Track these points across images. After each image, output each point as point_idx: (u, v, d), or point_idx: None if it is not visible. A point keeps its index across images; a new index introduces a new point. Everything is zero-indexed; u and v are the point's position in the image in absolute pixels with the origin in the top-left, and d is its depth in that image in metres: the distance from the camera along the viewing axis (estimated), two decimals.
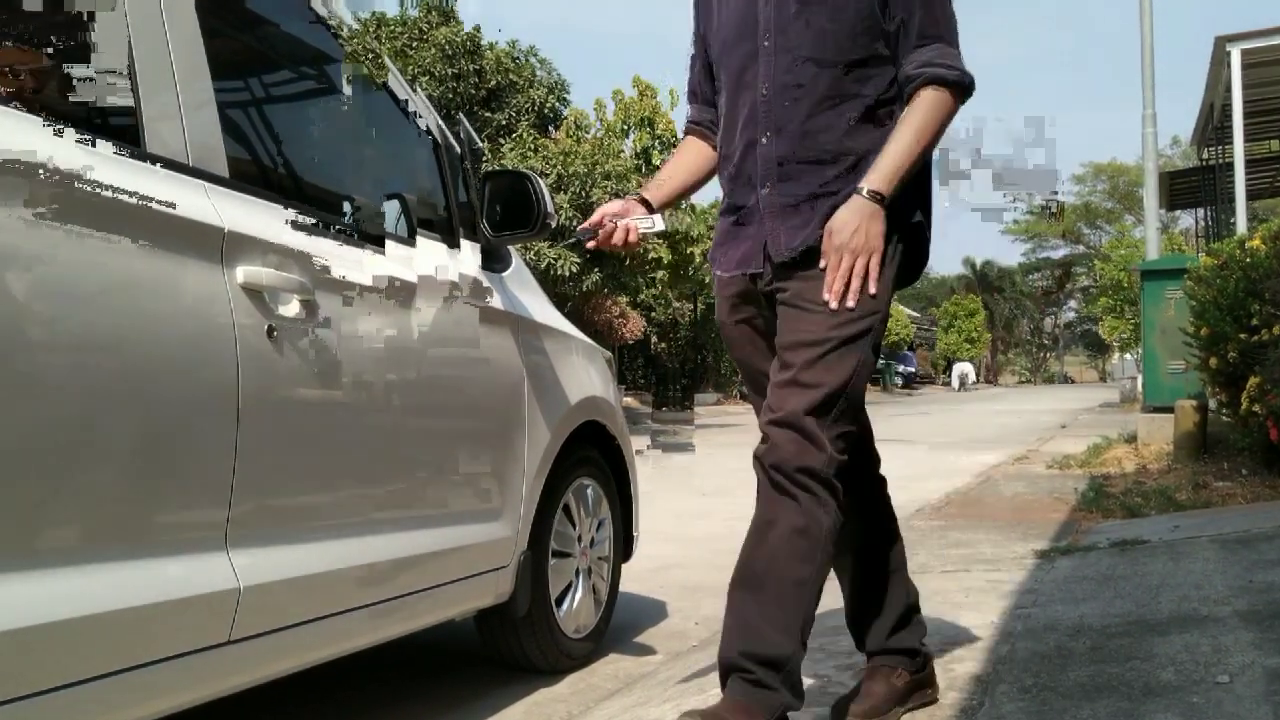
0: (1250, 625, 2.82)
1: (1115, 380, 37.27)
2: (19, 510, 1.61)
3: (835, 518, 2.03)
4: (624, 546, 3.66)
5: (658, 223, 2.34)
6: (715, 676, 2.76)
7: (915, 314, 55.87)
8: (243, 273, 2.02)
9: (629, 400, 22.60)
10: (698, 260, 22.14)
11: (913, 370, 49.40)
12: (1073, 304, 72.37)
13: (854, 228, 1.98)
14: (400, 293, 2.51)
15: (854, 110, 2.06)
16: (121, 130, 1.90)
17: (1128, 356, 32.06)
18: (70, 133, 1.76)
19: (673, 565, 5.07)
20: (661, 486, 8.04)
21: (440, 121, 2.99)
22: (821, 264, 2.03)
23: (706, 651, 3.33)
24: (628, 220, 2.31)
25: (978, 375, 57.55)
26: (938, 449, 12.77)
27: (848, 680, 2.63)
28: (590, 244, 2.34)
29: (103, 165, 1.79)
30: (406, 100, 2.85)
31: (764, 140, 2.09)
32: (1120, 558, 4.12)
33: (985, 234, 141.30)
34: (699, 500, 7.71)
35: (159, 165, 1.92)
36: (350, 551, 2.30)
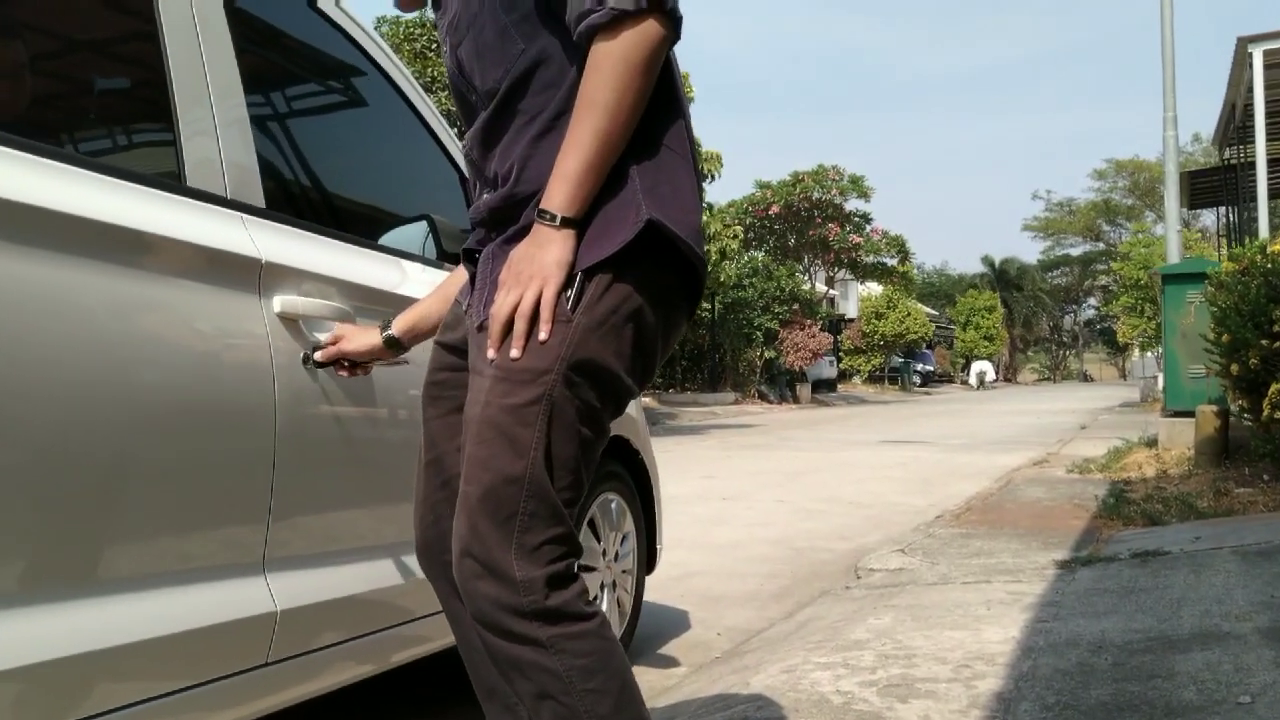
0: (1272, 643, 2.84)
1: (1135, 378, 37.07)
2: (68, 539, 1.66)
3: (580, 646, 1.49)
4: (647, 559, 3.69)
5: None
6: (739, 694, 2.81)
7: (934, 312, 55.71)
8: (280, 302, 2.07)
9: (647, 401, 22.62)
10: (714, 258, 22.17)
11: (931, 369, 49.30)
12: (1092, 301, 72.07)
13: (524, 257, 1.51)
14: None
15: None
16: (163, 165, 1.94)
17: (1148, 355, 31.91)
18: (113, 171, 1.81)
19: (694, 573, 5.11)
20: (680, 491, 8.07)
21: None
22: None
23: (730, 664, 3.37)
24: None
25: (996, 373, 57.38)
26: (955, 451, 12.77)
27: (872, 697, 2.66)
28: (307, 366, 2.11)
29: (145, 202, 1.83)
30: (431, 121, 2.89)
31: None
32: (1141, 569, 4.13)
33: (1004, 231, 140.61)
34: (718, 505, 7.75)
35: (199, 200, 1.96)
36: (384, 573, 2.35)
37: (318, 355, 2.07)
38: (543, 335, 1.49)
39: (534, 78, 1.57)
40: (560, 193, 1.48)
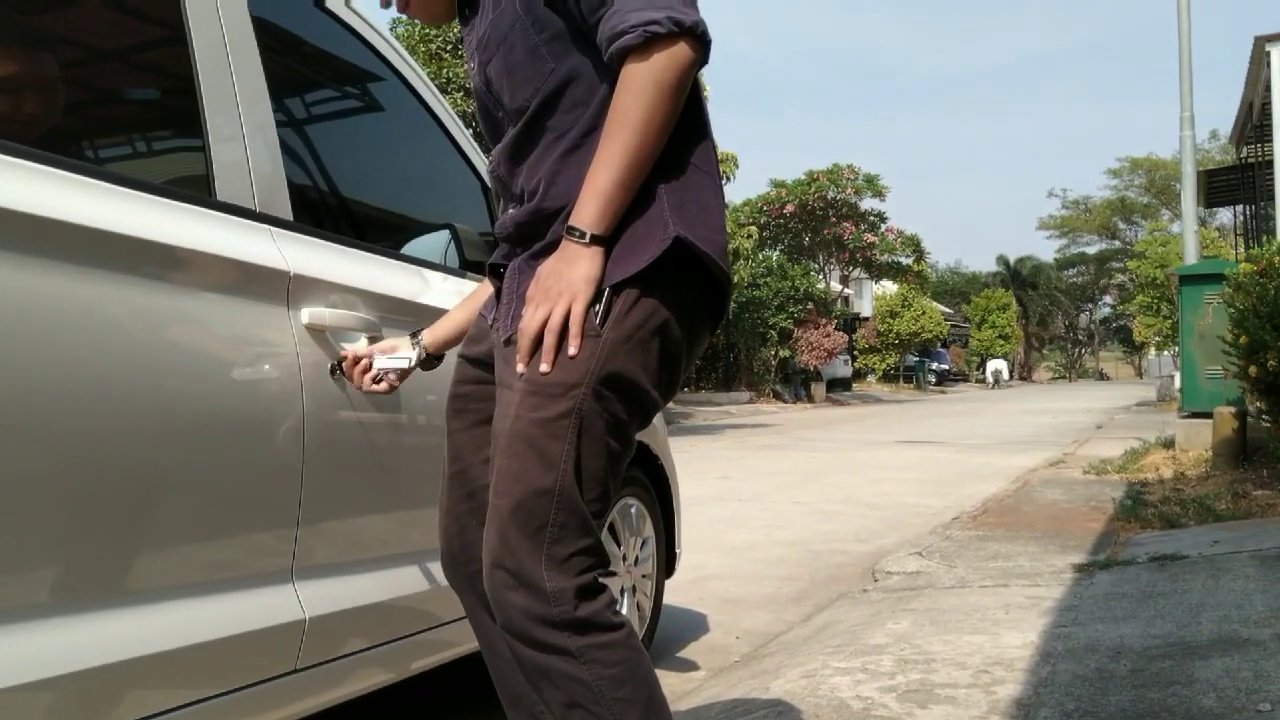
0: None
1: (1151, 377, 36.93)
2: (102, 549, 1.69)
3: (609, 656, 1.51)
4: (667, 563, 3.71)
5: (406, 359, 2.05)
6: (759, 699, 2.83)
7: (949, 311, 55.58)
8: (307, 314, 2.10)
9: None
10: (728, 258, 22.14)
11: (946, 367, 49.20)
12: (1108, 300, 71.80)
13: (553, 273, 1.53)
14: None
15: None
16: (194, 180, 1.98)
17: (1164, 354, 31.78)
18: (147, 186, 1.84)
19: (712, 576, 5.12)
20: (697, 492, 8.08)
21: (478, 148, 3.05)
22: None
23: (749, 668, 3.39)
24: (373, 360, 2.07)
25: (1011, 372, 57.21)
26: (972, 451, 12.76)
27: (891, 703, 2.67)
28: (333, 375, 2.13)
29: (176, 216, 1.86)
30: (449, 125, 2.92)
31: None
32: (1160, 573, 4.13)
33: (1019, 230, 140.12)
34: (735, 506, 7.76)
35: (229, 213, 1.99)
36: (409, 580, 2.37)
37: (352, 377, 2.09)
38: (572, 350, 1.51)
39: (564, 96, 1.59)
40: (590, 210, 1.50)
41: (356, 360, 2.08)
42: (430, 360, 2.06)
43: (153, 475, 1.77)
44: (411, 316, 2.39)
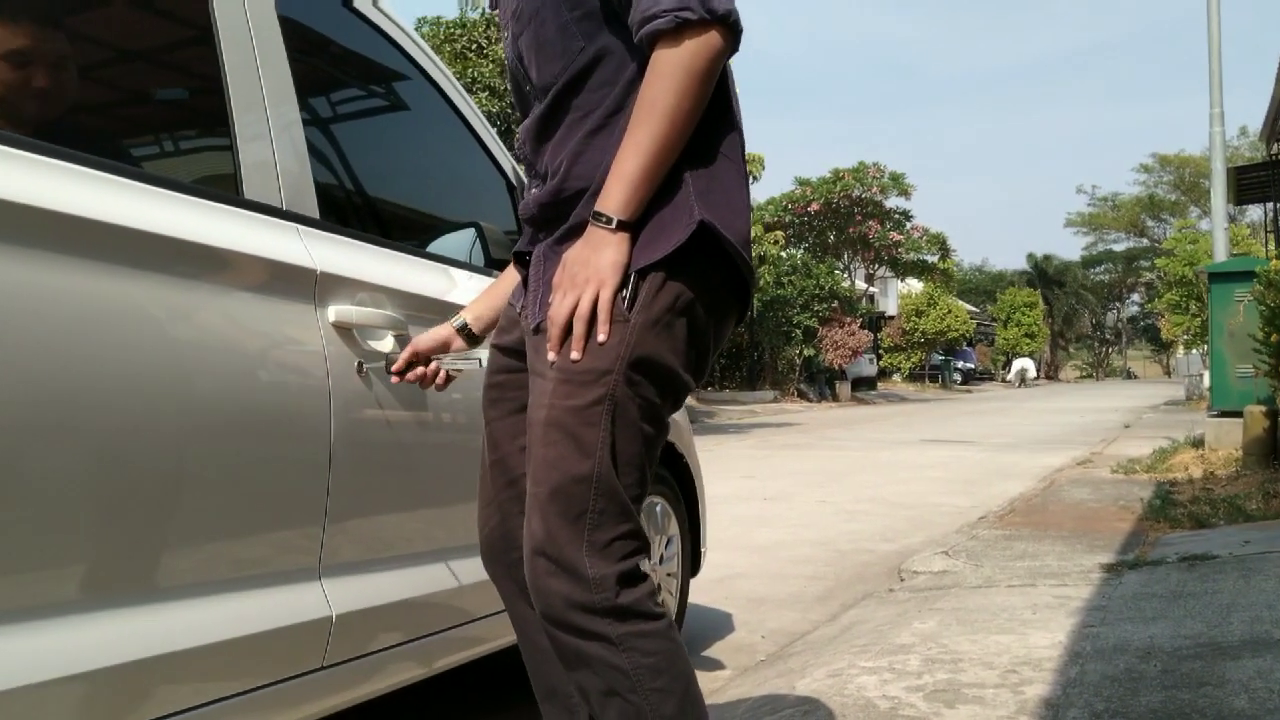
0: None
1: (1180, 376, 36.59)
2: (132, 546, 1.70)
3: (648, 645, 1.51)
4: (692, 561, 3.71)
5: (477, 359, 2.02)
6: (785, 698, 2.82)
7: (974, 309, 55.29)
8: (334, 312, 2.11)
9: (686, 400, 22.56)
10: (753, 261, 22.13)
11: (971, 366, 48.97)
12: (1136, 298, 71.28)
13: (579, 260, 1.53)
14: None
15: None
16: (222, 179, 1.99)
17: (1193, 352, 31.48)
18: (176, 185, 1.86)
19: (737, 575, 5.12)
20: (722, 491, 8.07)
21: (503, 148, 3.06)
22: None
23: (775, 667, 3.38)
24: (441, 361, 2.07)
25: (1038, 370, 56.88)
26: (998, 450, 12.69)
27: (919, 702, 2.66)
28: (395, 380, 2.09)
29: (204, 215, 1.87)
30: (476, 124, 2.92)
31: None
32: (1189, 574, 4.10)
33: (1046, 227, 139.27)
34: (760, 505, 7.75)
35: (256, 212, 2.00)
36: (435, 578, 2.38)
37: (394, 366, 2.07)
38: (601, 337, 1.51)
39: (591, 75, 1.59)
40: (617, 195, 1.50)
41: (412, 366, 2.05)
42: (476, 339, 2.06)
43: (182, 472, 1.78)
44: (438, 314, 2.39)
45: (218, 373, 1.86)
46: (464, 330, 2.02)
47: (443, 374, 2.08)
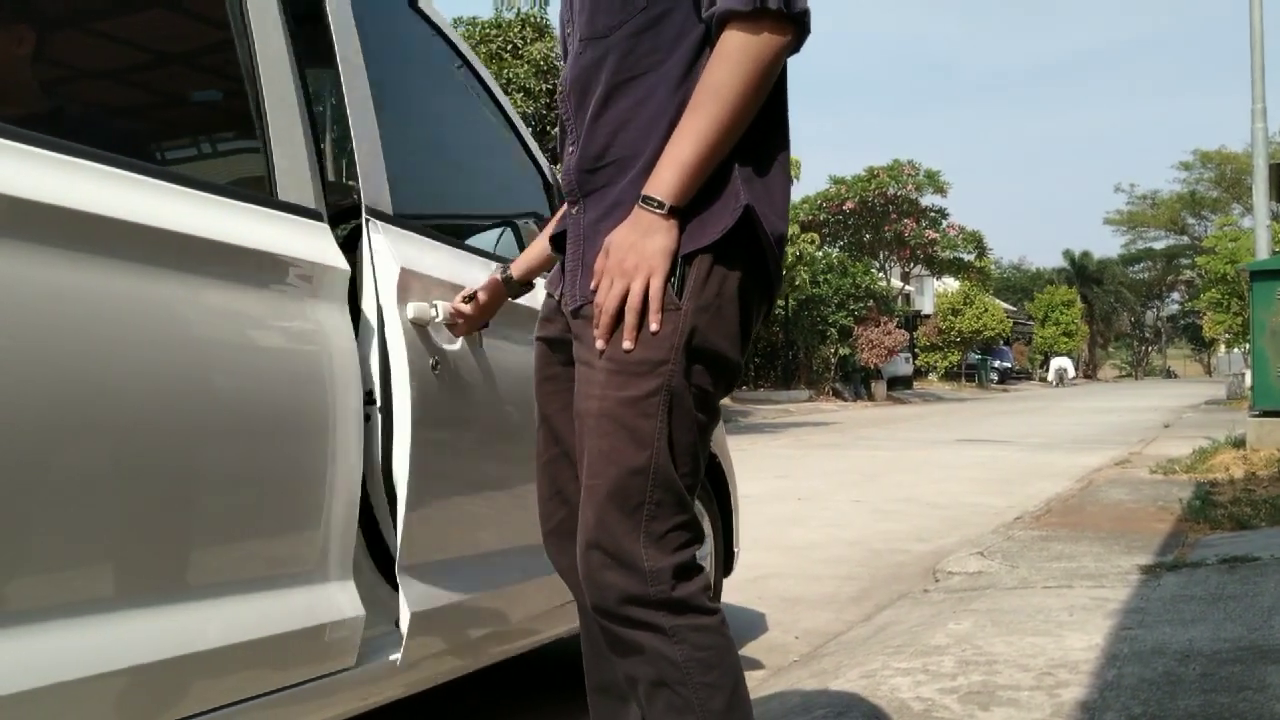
0: None
1: (1220, 375, 36.15)
2: (177, 545, 1.73)
3: (701, 639, 1.50)
4: (725, 561, 3.70)
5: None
6: (818, 699, 2.81)
7: (1011, 308, 54.85)
8: (413, 309, 2.15)
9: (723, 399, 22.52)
10: (789, 258, 22.07)
11: (1009, 365, 48.56)
12: (1175, 296, 70.46)
13: (626, 245, 1.50)
14: (525, 319, 2.58)
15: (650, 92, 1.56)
16: (257, 182, 2.02)
17: (1234, 351, 31.11)
18: (210, 186, 1.88)
19: (770, 575, 5.10)
20: (755, 490, 8.06)
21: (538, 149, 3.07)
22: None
23: (808, 667, 3.37)
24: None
25: (1076, 370, 56.35)
26: (1035, 450, 12.58)
27: (953, 704, 2.64)
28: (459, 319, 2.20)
29: (239, 216, 1.90)
30: (518, 125, 2.95)
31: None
32: (1230, 576, 4.05)
33: (1085, 224, 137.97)
34: (794, 505, 7.72)
35: (290, 214, 2.02)
36: (471, 579, 2.39)
37: (441, 315, 2.18)
38: (654, 326, 1.48)
39: (643, 38, 1.55)
40: (670, 180, 1.47)
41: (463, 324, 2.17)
42: (522, 287, 2.10)
43: (218, 472, 1.80)
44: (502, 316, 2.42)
45: (253, 372, 1.87)
46: (509, 280, 2.08)
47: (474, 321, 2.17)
